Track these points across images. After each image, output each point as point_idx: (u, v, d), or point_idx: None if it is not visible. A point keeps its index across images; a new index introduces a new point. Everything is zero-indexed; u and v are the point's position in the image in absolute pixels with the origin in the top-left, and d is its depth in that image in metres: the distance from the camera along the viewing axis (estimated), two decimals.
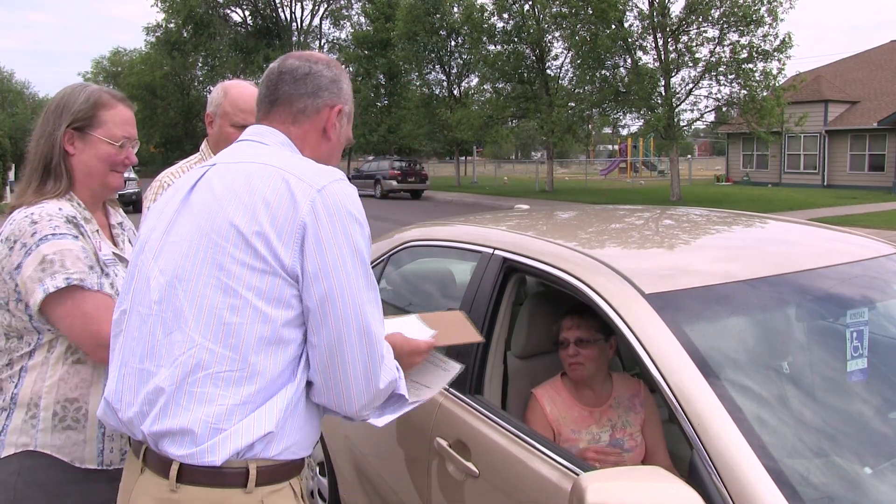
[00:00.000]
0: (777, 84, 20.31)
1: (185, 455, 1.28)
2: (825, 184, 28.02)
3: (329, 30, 66.62)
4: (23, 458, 1.67)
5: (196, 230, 1.36)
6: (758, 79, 20.11)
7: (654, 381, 1.63)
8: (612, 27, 21.02)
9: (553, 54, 26.53)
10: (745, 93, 20.30)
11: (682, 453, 2.15)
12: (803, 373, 1.90)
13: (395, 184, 27.50)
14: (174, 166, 2.58)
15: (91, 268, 1.67)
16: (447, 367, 1.80)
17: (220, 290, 1.30)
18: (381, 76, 37.52)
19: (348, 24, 42.23)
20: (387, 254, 2.94)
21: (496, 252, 2.31)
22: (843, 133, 27.62)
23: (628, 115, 23.56)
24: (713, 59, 20.64)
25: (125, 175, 1.92)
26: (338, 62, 1.62)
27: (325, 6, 43.18)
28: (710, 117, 23.78)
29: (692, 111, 22.61)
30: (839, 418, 1.78)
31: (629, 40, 21.59)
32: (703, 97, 22.21)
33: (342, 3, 42.60)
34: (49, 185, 1.75)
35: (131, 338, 1.39)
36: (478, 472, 1.99)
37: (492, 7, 26.23)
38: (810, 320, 2.07)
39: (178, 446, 1.29)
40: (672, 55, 21.07)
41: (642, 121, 22.84)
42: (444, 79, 33.08)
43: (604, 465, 2.04)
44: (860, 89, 28.92)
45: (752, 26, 19.77)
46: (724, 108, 22.97)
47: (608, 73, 22.72)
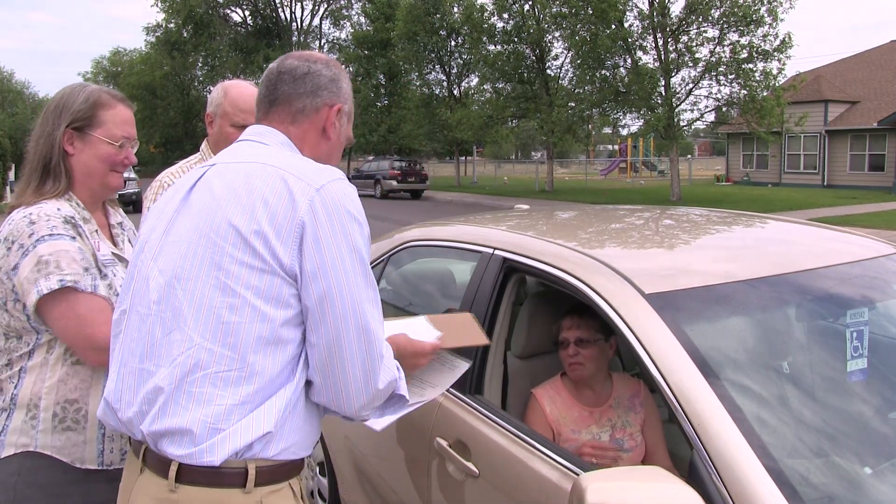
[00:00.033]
0: (777, 84, 20.31)
1: (183, 455, 1.28)
2: (825, 184, 28.02)
3: (329, 30, 66.72)
4: (23, 458, 1.67)
5: (195, 230, 1.36)
6: (758, 79, 20.11)
7: (654, 381, 1.63)
8: (612, 27, 21.01)
9: (553, 54, 26.55)
10: (745, 93, 20.29)
11: (682, 453, 2.15)
12: (803, 373, 1.90)
13: (395, 184, 27.50)
14: (174, 166, 2.58)
15: (86, 269, 1.66)
16: (453, 366, 1.80)
17: (218, 290, 1.30)
18: (381, 76, 37.51)
19: (348, 24, 42.26)
20: (387, 254, 2.94)
21: (496, 252, 2.30)
22: (843, 133, 27.62)
23: (628, 115, 23.58)
24: (713, 59, 20.64)
25: (125, 175, 1.91)
26: (337, 62, 1.61)
27: (325, 6, 43.21)
28: (710, 117, 23.79)
29: (692, 111, 22.66)
30: (839, 418, 1.78)
31: (629, 40, 21.59)
32: (703, 97, 22.25)
33: (342, 3, 42.64)
34: (48, 185, 1.74)
35: (130, 338, 1.39)
36: (478, 472, 1.99)
37: (492, 7, 26.24)
38: (810, 320, 2.07)
39: (176, 446, 1.29)
40: (672, 55, 21.07)
41: (642, 121, 22.84)
42: (444, 79, 33.09)
43: (600, 460, 2.05)
44: (860, 89, 28.92)
45: (752, 26, 19.77)
46: (724, 108, 22.97)
47: (608, 73, 22.72)
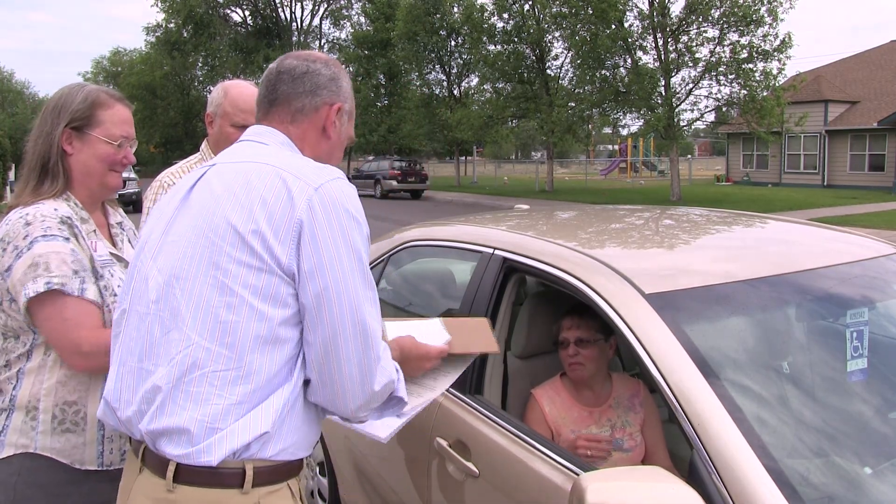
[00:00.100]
0: (777, 84, 20.31)
1: (181, 455, 1.28)
2: (825, 184, 28.01)
3: (329, 30, 66.70)
4: (23, 458, 1.66)
5: (194, 230, 1.37)
6: (758, 79, 20.11)
7: (654, 381, 1.63)
8: (612, 27, 21.01)
9: (553, 54, 26.54)
10: (745, 93, 20.29)
11: (682, 453, 2.15)
12: (803, 373, 1.90)
13: (395, 184, 27.49)
14: (174, 166, 2.58)
15: (76, 272, 1.65)
16: (453, 367, 1.79)
17: (216, 289, 1.30)
18: (381, 76, 37.50)
19: (348, 24, 42.24)
20: (387, 254, 2.94)
21: (496, 252, 2.30)
22: (843, 133, 27.61)
23: (628, 115, 23.58)
24: (713, 59, 20.64)
25: (125, 175, 1.91)
26: (336, 61, 1.61)
27: (325, 6, 43.19)
28: (710, 117, 23.79)
29: (692, 111, 22.66)
30: (839, 418, 1.78)
31: (629, 40, 21.59)
32: (703, 97, 22.25)
33: (342, 3, 42.63)
34: (46, 184, 1.74)
35: (130, 337, 1.39)
36: (478, 472, 1.99)
37: (492, 7, 26.24)
38: (810, 320, 2.07)
39: (174, 446, 1.29)
40: (672, 55, 21.07)
41: (642, 121, 22.84)
42: (444, 79, 33.09)
43: (595, 451, 2.05)
44: (860, 89, 28.92)
45: (752, 26, 19.77)
46: (724, 108, 22.97)
47: (608, 73, 22.72)
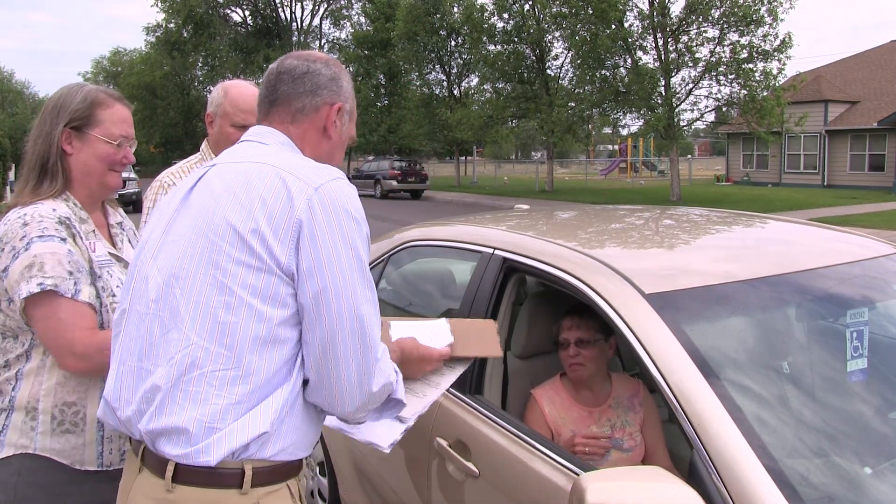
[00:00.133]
0: (777, 84, 20.31)
1: (180, 455, 1.28)
2: (825, 184, 28.01)
3: (329, 30, 66.76)
4: (23, 458, 1.66)
5: (193, 229, 1.37)
6: (758, 79, 20.11)
7: (654, 381, 1.63)
8: (612, 27, 21.01)
9: (553, 54, 26.54)
10: (745, 93, 20.29)
11: (682, 453, 2.15)
12: (803, 373, 1.90)
13: (395, 184, 27.49)
14: (174, 166, 2.58)
15: (71, 273, 1.64)
16: (453, 366, 1.79)
17: (215, 289, 1.30)
18: (381, 76, 37.50)
19: (348, 24, 42.24)
20: (387, 254, 2.94)
21: (496, 252, 2.30)
22: (843, 133, 27.61)
23: (628, 115, 23.57)
24: (713, 59, 20.63)
25: (125, 175, 1.91)
26: (337, 60, 1.61)
27: (325, 6, 43.19)
28: (710, 117, 23.79)
29: (692, 111, 22.64)
30: (839, 418, 1.78)
31: (629, 40, 21.58)
32: (703, 97, 22.24)
33: (342, 3, 42.63)
34: (45, 184, 1.74)
35: (129, 337, 1.39)
36: (478, 472, 1.99)
37: (492, 7, 26.23)
38: (810, 320, 2.07)
39: (173, 445, 1.29)
40: (672, 55, 21.07)
41: (642, 121, 22.84)
42: (444, 79, 33.08)
43: (593, 448, 2.05)
44: (860, 89, 28.92)
45: (752, 26, 19.77)
46: (724, 108, 22.97)
47: (608, 73, 22.71)
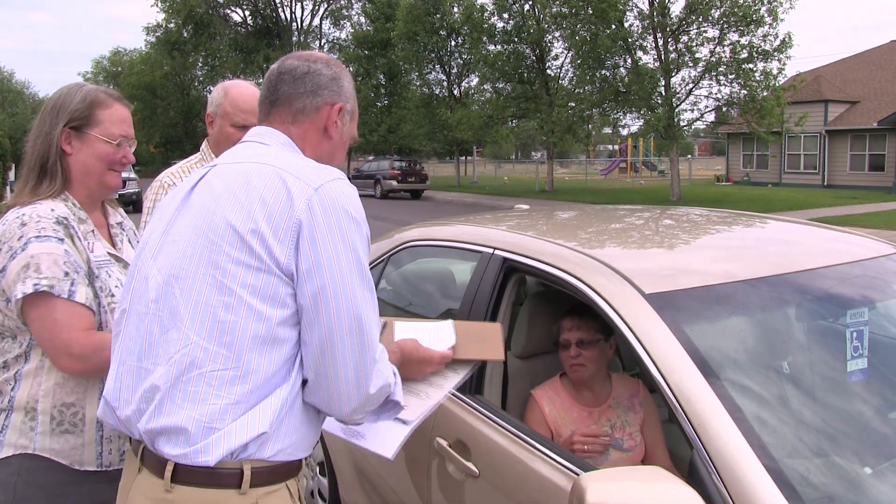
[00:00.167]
0: (777, 84, 20.31)
1: (179, 455, 1.28)
2: (825, 184, 28.01)
3: (329, 30, 66.76)
4: (22, 459, 1.67)
5: (193, 229, 1.37)
6: (758, 79, 20.10)
7: (654, 381, 1.63)
8: (612, 27, 21.01)
9: (553, 54, 26.54)
10: (745, 93, 20.28)
11: (682, 453, 2.15)
12: (803, 373, 1.90)
13: (395, 184, 27.49)
14: (174, 166, 2.58)
15: (67, 274, 1.64)
16: (457, 369, 1.77)
17: (215, 289, 1.30)
18: (381, 76, 37.50)
19: (348, 24, 42.24)
20: (387, 254, 2.94)
21: (496, 252, 2.30)
22: (844, 133, 27.61)
23: (628, 115, 23.57)
24: (713, 59, 20.63)
25: (125, 175, 1.91)
26: (338, 61, 1.61)
27: (325, 6, 43.19)
28: (710, 117, 23.79)
29: (692, 111, 22.65)
30: (839, 418, 1.78)
31: (629, 40, 21.58)
32: (703, 97, 22.24)
33: (342, 3, 42.63)
34: (44, 184, 1.74)
35: (129, 336, 1.40)
36: (478, 472, 1.99)
37: (492, 7, 26.24)
38: (810, 320, 2.07)
39: (172, 445, 1.29)
40: (672, 55, 21.07)
41: (642, 121, 22.83)
42: (444, 79, 33.08)
43: (592, 446, 2.05)
44: (860, 89, 28.91)
45: (752, 26, 19.76)
46: (724, 108, 22.97)
47: (608, 73, 22.71)
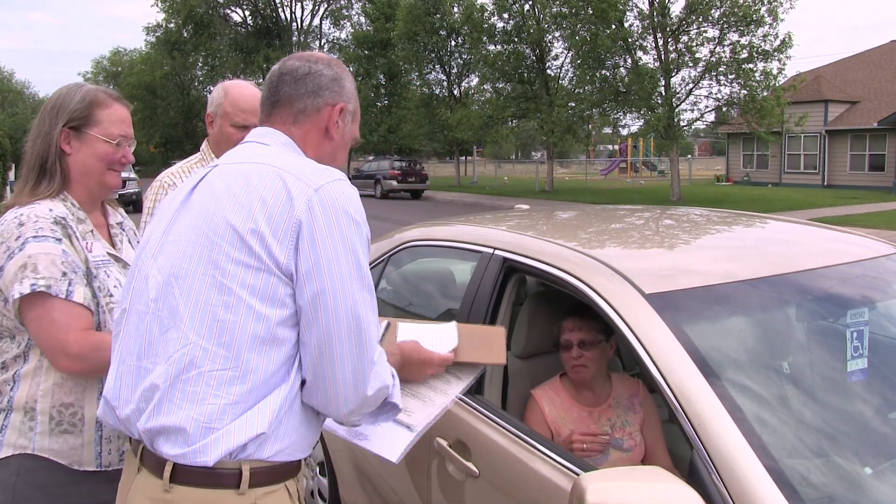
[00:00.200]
0: (777, 84, 20.31)
1: (177, 455, 1.28)
2: (825, 184, 28.01)
3: (329, 30, 66.84)
4: (21, 459, 1.67)
5: (194, 229, 1.37)
6: (758, 79, 20.10)
7: (655, 381, 1.63)
8: (612, 27, 21.01)
9: (553, 54, 26.54)
10: (746, 93, 20.28)
11: (682, 453, 2.15)
12: (803, 373, 1.90)
13: (395, 184, 27.48)
14: (174, 166, 2.58)
15: (64, 274, 1.64)
16: (462, 373, 1.76)
17: (214, 288, 1.30)
18: (381, 76, 37.51)
19: (348, 24, 42.24)
20: (387, 254, 2.94)
21: (496, 252, 2.30)
22: (844, 133, 27.61)
23: (628, 115, 23.57)
24: (713, 59, 20.63)
25: (125, 175, 1.91)
26: (339, 61, 1.61)
27: (325, 6, 43.18)
28: (711, 117, 23.78)
29: (692, 111, 22.66)
30: (839, 418, 1.78)
31: (629, 40, 21.58)
32: (703, 97, 22.24)
33: (342, 3, 42.63)
34: (43, 185, 1.74)
35: (129, 336, 1.40)
36: (478, 472, 1.99)
37: (492, 7, 26.24)
38: (810, 320, 2.07)
39: (171, 445, 1.29)
40: (672, 55, 21.06)
41: (642, 121, 22.84)
42: (444, 79, 33.07)
43: (591, 445, 2.05)
44: (860, 89, 28.91)
45: (753, 26, 19.77)
46: (724, 108, 22.97)
47: (608, 73, 22.71)
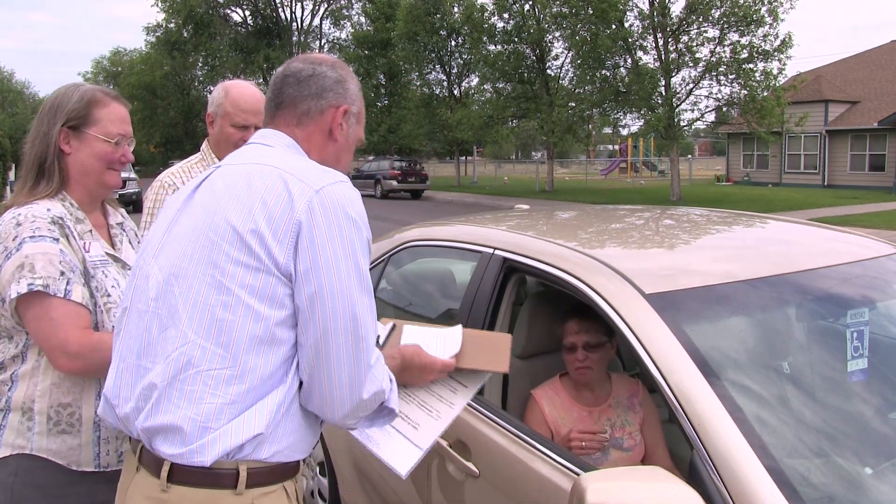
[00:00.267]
0: (777, 84, 20.30)
1: (175, 455, 1.28)
2: (825, 184, 28.01)
3: (329, 30, 66.83)
4: (20, 459, 1.66)
5: (194, 229, 1.37)
6: (758, 79, 20.10)
7: (655, 381, 1.63)
8: (613, 27, 21.00)
9: (553, 54, 26.53)
10: (746, 93, 20.28)
11: (682, 453, 2.15)
12: (804, 373, 1.90)
13: (395, 184, 27.49)
14: (175, 166, 2.59)
15: (62, 273, 1.64)
16: (467, 384, 1.74)
17: (213, 288, 1.31)
18: (382, 76, 37.51)
19: (348, 24, 42.26)
20: (387, 254, 2.94)
21: (496, 252, 2.30)
22: (844, 133, 27.61)
23: (628, 115, 23.55)
24: (713, 59, 20.63)
25: (125, 175, 1.92)
26: (344, 63, 1.61)
27: (326, 6, 43.20)
28: (711, 117, 23.77)
29: (692, 111, 22.64)
30: (839, 418, 1.78)
31: (629, 40, 21.57)
32: (703, 97, 22.23)
33: (342, 3, 42.64)
34: (42, 185, 1.74)
35: (129, 335, 1.40)
36: (478, 472, 1.99)
37: (492, 7, 26.24)
38: (811, 320, 2.07)
39: (169, 444, 1.29)
40: (672, 55, 21.06)
41: (642, 121, 22.82)
42: (444, 79, 33.07)
43: (589, 443, 2.05)
44: (860, 89, 28.91)
45: (753, 26, 19.76)
46: (724, 108, 22.96)
47: (608, 73, 22.70)
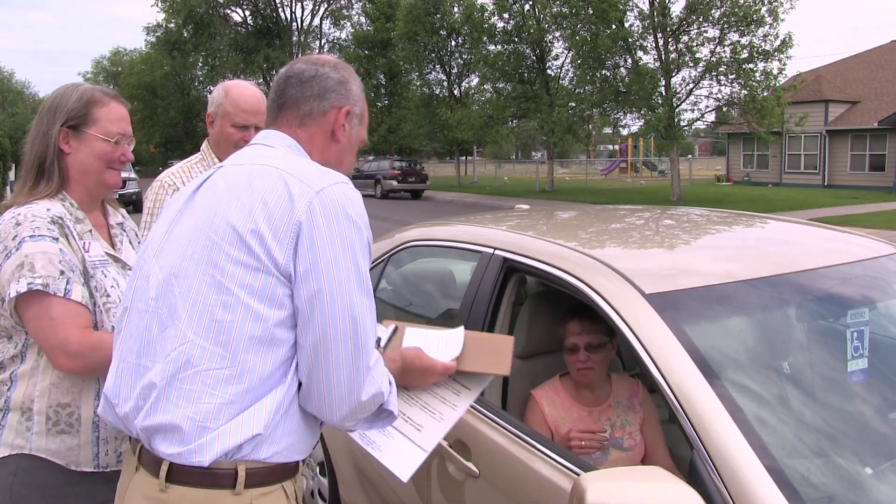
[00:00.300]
0: (777, 84, 20.30)
1: (173, 454, 1.28)
2: (826, 184, 28.01)
3: (329, 30, 66.79)
4: (19, 459, 1.67)
5: (195, 229, 1.37)
6: (758, 79, 20.10)
7: (655, 381, 1.63)
8: (613, 27, 21.00)
9: (553, 54, 26.54)
10: (746, 93, 20.28)
11: (682, 453, 2.15)
12: (804, 373, 1.90)
13: (395, 184, 27.49)
14: (175, 166, 2.59)
15: (62, 272, 1.64)
16: (470, 387, 1.74)
17: (213, 288, 1.31)
18: (382, 76, 37.53)
19: (348, 24, 42.27)
20: (387, 254, 2.94)
21: (496, 252, 2.30)
22: (844, 133, 27.61)
23: (629, 115, 23.55)
24: (713, 59, 20.63)
25: (125, 175, 1.92)
26: (347, 64, 1.61)
27: (326, 6, 43.21)
28: (711, 117, 23.78)
29: (693, 111, 22.63)
30: (839, 418, 1.78)
31: (629, 40, 21.58)
32: (703, 97, 22.23)
33: (342, 2, 42.64)
34: (42, 185, 1.75)
35: (129, 334, 1.40)
36: (478, 472, 1.99)
37: (492, 7, 26.25)
38: (811, 320, 2.07)
39: (168, 444, 1.29)
40: (672, 55, 21.06)
41: (643, 121, 22.82)
42: (444, 79, 33.07)
43: (589, 442, 2.05)
44: (861, 89, 28.91)
45: (753, 26, 19.76)
46: (724, 108, 22.96)
47: (608, 73, 22.70)
